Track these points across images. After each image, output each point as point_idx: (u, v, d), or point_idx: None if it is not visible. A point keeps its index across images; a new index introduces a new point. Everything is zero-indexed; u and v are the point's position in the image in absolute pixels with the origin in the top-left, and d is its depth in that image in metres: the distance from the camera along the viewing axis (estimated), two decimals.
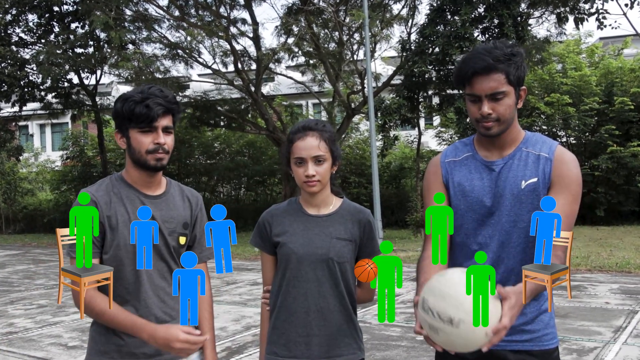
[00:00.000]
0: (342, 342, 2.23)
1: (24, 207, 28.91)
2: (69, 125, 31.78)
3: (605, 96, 19.86)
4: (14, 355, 6.39)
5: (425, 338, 1.87)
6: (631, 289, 8.89)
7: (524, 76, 2.10)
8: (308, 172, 2.17)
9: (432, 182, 2.29)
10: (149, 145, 2.11)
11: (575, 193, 2.10)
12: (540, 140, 2.18)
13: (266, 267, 2.34)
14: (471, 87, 2.07)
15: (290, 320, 2.21)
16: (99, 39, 20.79)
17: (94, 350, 2.19)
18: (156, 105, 2.08)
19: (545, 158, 2.12)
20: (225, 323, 7.56)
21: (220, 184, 26.67)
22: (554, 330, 2.20)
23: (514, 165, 2.14)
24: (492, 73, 2.02)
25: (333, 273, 2.20)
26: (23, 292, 10.78)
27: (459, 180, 2.21)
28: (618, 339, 6.19)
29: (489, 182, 2.16)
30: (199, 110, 19.55)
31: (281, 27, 17.29)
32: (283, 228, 2.25)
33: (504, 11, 15.51)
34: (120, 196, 2.18)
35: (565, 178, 2.09)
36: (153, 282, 2.18)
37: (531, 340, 2.12)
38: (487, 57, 2.02)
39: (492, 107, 2.05)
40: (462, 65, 2.10)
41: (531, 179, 2.10)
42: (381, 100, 17.57)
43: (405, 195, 21.77)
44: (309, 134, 2.20)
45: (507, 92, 2.04)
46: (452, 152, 2.29)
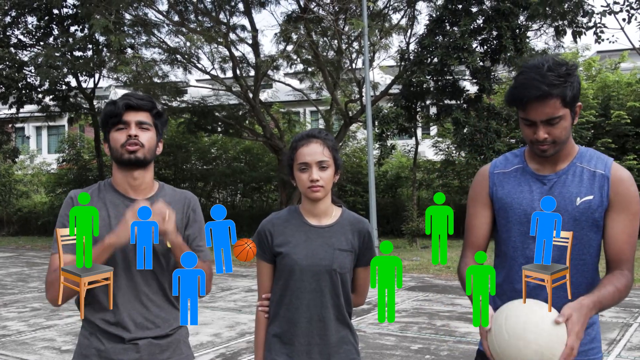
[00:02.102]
0: (342, 348, 2.25)
1: (19, 210, 28.79)
2: (65, 128, 31.75)
3: (602, 109, 19.96)
4: (7, 358, 6.35)
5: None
6: (626, 302, 8.89)
7: (579, 92, 2.02)
8: (313, 177, 2.17)
9: (477, 193, 2.25)
10: (122, 139, 2.17)
11: (635, 211, 2.05)
12: (595, 156, 2.12)
13: (264, 275, 2.32)
14: (525, 113, 2.00)
15: (293, 330, 2.21)
16: (98, 43, 20.81)
17: (77, 353, 2.21)
18: (122, 101, 2.19)
19: (601, 175, 2.06)
20: (220, 329, 7.53)
21: (216, 189, 26.64)
22: (599, 344, 2.16)
23: (568, 180, 2.08)
24: (548, 99, 1.94)
25: (335, 284, 2.22)
26: (16, 294, 10.72)
27: (507, 192, 2.16)
28: (612, 352, 6.19)
29: (539, 195, 2.09)
30: (197, 116, 19.56)
31: (280, 35, 17.33)
32: (285, 238, 2.24)
33: (503, 23, 15.60)
34: (105, 200, 2.20)
35: (625, 197, 2.03)
36: (135, 287, 2.16)
37: (579, 353, 1.96)
38: (541, 84, 1.93)
39: (548, 132, 1.99)
40: (515, 91, 2.01)
41: (587, 197, 2.04)
42: (379, 109, 17.60)
43: (401, 205, 21.78)
44: (313, 141, 2.22)
45: (563, 116, 1.98)
46: (502, 164, 2.24)
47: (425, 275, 12.44)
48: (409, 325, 7.56)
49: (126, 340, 2.14)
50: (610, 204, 2.05)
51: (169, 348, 2.23)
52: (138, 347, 2.16)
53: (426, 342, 6.72)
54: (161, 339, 2.21)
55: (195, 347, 6.38)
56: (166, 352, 2.22)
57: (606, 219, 2.06)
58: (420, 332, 7.17)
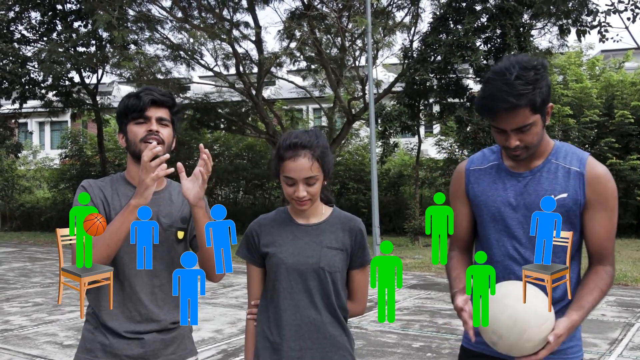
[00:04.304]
0: (337, 354, 2.16)
1: (21, 205, 28.85)
2: (68, 123, 31.75)
3: (606, 109, 19.91)
4: (9, 352, 6.36)
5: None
6: (628, 302, 8.89)
7: (549, 95, 1.98)
8: (299, 194, 2.08)
9: (455, 190, 2.26)
10: (142, 133, 2.17)
11: (613, 207, 2.05)
12: (570, 152, 2.10)
13: (254, 280, 2.24)
14: (496, 122, 1.99)
15: (282, 334, 2.11)
16: (101, 39, 20.80)
17: (81, 347, 2.21)
18: (146, 96, 2.18)
19: (576, 172, 2.05)
20: (222, 326, 7.55)
21: (218, 186, 26.65)
22: (580, 342, 2.16)
23: (543, 178, 2.08)
24: (517, 109, 1.91)
25: (324, 283, 2.13)
26: (19, 289, 10.75)
27: (482, 189, 2.17)
28: (614, 351, 6.18)
29: (513, 193, 2.09)
30: (199, 112, 19.54)
31: (284, 32, 17.31)
32: (272, 238, 2.18)
33: (507, 21, 15.55)
34: (118, 192, 2.21)
35: (602, 194, 2.03)
36: (140, 283, 2.17)
37: (557, 352, 2.01)
38: (509, 96, 1.89)
39: (520, 138, 1.98)
40: (483, 102, 1.99)
41: (561, 194, 2.03)
42: (382, 107, 17.58)
43: (403, 203, 21.77)
44: (301, 154, 2.07)
45: (533, 122, 1.96)
46: (479, 160, 2.23)
47: (427, 273, 12.45)
48: (411, 323, 7.56)
49: (131, 334, 2.15)
50: (587, 202, 2.04)
51: (173, 343, 2.24)
52: (142, 341, 2.16)
53: (428, 340, 6.72)
54: (165, 333, 2.21)
55: (197, 343, 6.37)
56: (170, 347, 2.23)
57: (585, 217, 2.06)
58: (421, 330, 7.17)
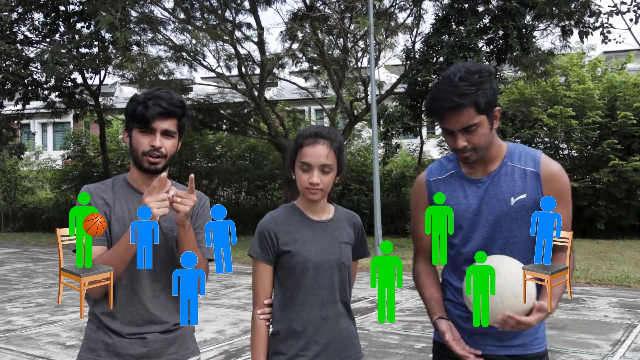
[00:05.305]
0: (351, 342, 2.24)
1: (24, 206, 28.93)
2: (71, 124, 31.83)
3: (608, 110, 19.88)
4: (11, 353, 6.37)
5: None
6: (630, 303, 8.87)
7: (496, 98, 2.06)
8: (313, 180, 2.11)
9: (417, 201, 2.30)
10: (145, 146, 2.13)
11: (568, 199, 2.13)
12: (524, 152, 2.17)
13: (265, 278, 2.24)
14: (443, 123, 2.06)
15: (307, 329, 2.15)
16: (104, 40, 20.86)
17: (84, 346, 2.21)
18: (154, 106, 2.09)
19: (531, 173, 2.11)
20: (224, 326, 7.55)
21: (221, 187, 26.68)
22: (544, 334, 2.25)
23: (501, 181, 2.13)
24: (461, 109, 1.98)
25: (343, 277, 2.20)
26: (21, 290, 10.76)
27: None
28: (616, 353, 6.17)
29: (474, 199, 2.15)
30: (202, 113, 19.58)
31: (286, 33, 17.35)
32: (291, 236, 2.18)
33: (509, 23, 15.55)
34: (119, 196, 2.20)
35: (558, 190, 2.10)
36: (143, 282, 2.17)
37: (524, 345, 2.16)
38: (453, 96, 1.97)
39: (467, 139, 2.03)
40: (430, 103, 2.07)
41: (520, 195, 2.10)
42: (384, 108, 17.59)
43: (405, 204, 21.75)
44: (320, 142, 2.13)
45: (479, 123, 2.01)
46: (437, 170, 2.28)
47: None
48: (413, 324, 7.56)
49: (133, 334, 2.15)
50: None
51: (175, 342, 2.24)
52: (145, 341, 2.16)
53: (430, 341, 6.70)
54: (168, 333, 2.21)
55: (199, 343, 6.37)
56: (173, 346, 2.23)
57: None
58: (423, 331, 7.16)
